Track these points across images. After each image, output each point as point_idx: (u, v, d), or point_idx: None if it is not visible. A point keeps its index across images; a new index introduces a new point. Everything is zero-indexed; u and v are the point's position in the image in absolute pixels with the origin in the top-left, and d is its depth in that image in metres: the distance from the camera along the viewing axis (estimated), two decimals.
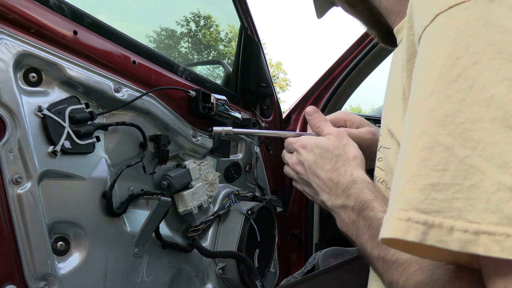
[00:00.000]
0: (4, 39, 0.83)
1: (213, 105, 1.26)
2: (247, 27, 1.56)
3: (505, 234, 0.28)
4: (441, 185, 0.32)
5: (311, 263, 1.21)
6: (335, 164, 0.65)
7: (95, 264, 0.99)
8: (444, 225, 0.31)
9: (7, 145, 0.82)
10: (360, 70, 1.75)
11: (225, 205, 1.35)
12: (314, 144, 0.69)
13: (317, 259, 1.20)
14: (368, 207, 0.56)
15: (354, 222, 0.58)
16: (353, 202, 0.59)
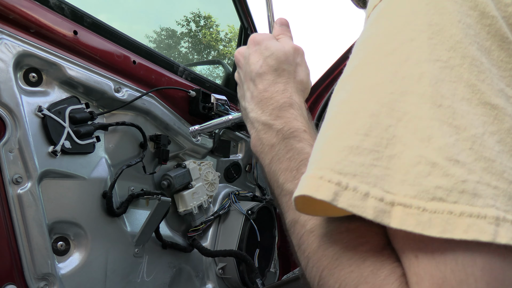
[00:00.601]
0: (4, 39, 0.83)
1: (213, 105, 1.26)
2: (247, 27, 1.56)
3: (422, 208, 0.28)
4: (360, 149, 0.31)
5: None
6: (277, 77, 0.56)
7: (95, 264, 0.99)
8: (359, 189, 0.29)
9: (7, 145, 0.82)
10: None
11: (225, 205, 1.36)
12: (267, 46, 0.58)
13: None
14: (297, 136, 0.50)
15: (273, 146, 0.51)
16: (280, 125, 0.52)
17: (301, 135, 0.50)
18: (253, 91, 0.57)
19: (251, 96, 0.57)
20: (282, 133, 0.51)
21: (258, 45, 0.59)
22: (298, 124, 0.51)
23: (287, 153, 0.48)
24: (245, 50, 0.62)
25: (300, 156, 0.47)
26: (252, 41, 0.60)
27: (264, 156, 0.53)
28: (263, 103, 0.55)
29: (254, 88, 0.57)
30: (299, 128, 0.51)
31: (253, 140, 0.55)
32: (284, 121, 0.52)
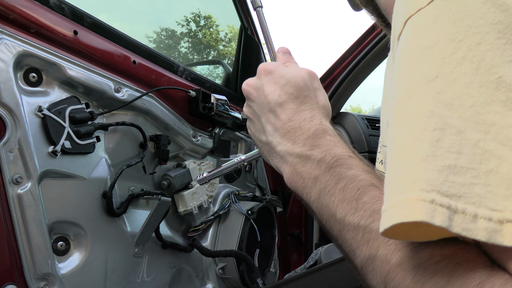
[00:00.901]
0: (4, 39, 0.83)
1: (213, 105, 1.26)
2: (247, 27, 1.56)
3: None
4: (458, 168, 0.29)
5: (313, 258, 1.21)
6: (300, 105, 0.52)
7: (95, 264, 0.99)
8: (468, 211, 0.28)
9: (7, 145, 0.82)
10: (360, 70, 1.75)
11: (225, 205, 1.36)
12: (281, 73, 0.54)
13: (319, 254, 1.20)
14: (343, 163, 0.45)
15: (317, 178, 0.46)
16: (320, 155, 0.47)
17: (348, 162, 0.45)
18: (275, 123, 0.52)
19: (274, 128, 0.53)
20: (325, 162, 0.46)
21: (270, 74, 0.55)
22: (340, 150, 0.47)
23: (338, 183, 0.44)
24: (255, 81, 0.57)
25: (356, 184, 0.42)
26: (263, 71, 0.56)
27: (308, 191, 0.47)
28: (291, 134, 0.51)
29: (276, 119, 0.52)
30: (343, 155, 0.46)
31: (289, 175, 0.50)
32: (323, 149, 0.48)
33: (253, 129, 0.58)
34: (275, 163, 0.53)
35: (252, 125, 0.59)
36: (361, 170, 0.44)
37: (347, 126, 1.77)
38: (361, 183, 0.42)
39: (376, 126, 1.79)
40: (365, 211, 0.39)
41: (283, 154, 0.51)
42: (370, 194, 0.40)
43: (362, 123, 1.76)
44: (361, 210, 0.40)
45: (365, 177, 0.43)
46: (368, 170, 0.44)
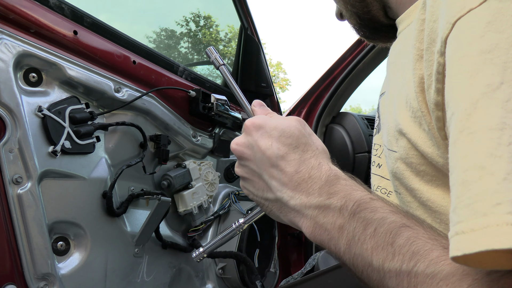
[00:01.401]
0: (4, 39, 0.83)
1: (213, 105, 1.26)
2: (247, 27, 1.56)
3: None
4: None
5: (310, 264, 1.21)
6: (303, 154, 0.49)
7: (95, 264, 0.99)
8: None
9: (7, 145, 0.82)
10: (360, 70, 1.75)
11: (225, 205, 1.36)
12: (272, 126, 0.51)
13: (316, 260, 1.20)
14: (367, 207, 0.42)
15: (342, 227, 0.43)
16: (340, 202, 0.44)
17: (371, 205, 0.42)
18: (282, 178, 0.49)
19: (281, 183, 0.49)
20: (347, 209, 0.43)
21: (262, 128, 0.52)
22: (359, 193, 0.44)
23: (366, 229, 0.41)
24: (245, 139, 0.54)
25: (386, 227, 0.39)
26: (251, 127, 0.53)
27: (336, 242, 0.44)
28: (302, 185, 0.48)
29: (281, 173, 0.49)
30: (364, 198, 0.43)
31: (311, 229, 0.47)
32: (342, 195, 0.45)
33: (253, 188, 0.55)
34: (290, 218, 0.50)
35: (250, 185, 0.55)
36: (387, 211, 0.41)
37: (347, 126, 1.77)
38: (392, 225, 0.39)
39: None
40: (404, 254, 0.36)
41: (299, 208, 0.48)
42: (404, 235, 0.38)
43: (362, 123, 1.76)
44: (400, 254, 0.37)
45: (393, 218, 0.40)
46: (394, 210, 0.41)
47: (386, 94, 0.60)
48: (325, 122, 1.83)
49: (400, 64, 0.54)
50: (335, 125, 1.81)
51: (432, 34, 0.40)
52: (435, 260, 0.34)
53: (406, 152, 0.48)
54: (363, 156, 1.68)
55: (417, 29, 0.44)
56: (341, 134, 1.76)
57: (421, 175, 0.48)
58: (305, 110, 1.82)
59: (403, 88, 0.49)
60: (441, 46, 0.37)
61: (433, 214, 0.47)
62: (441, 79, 0.38)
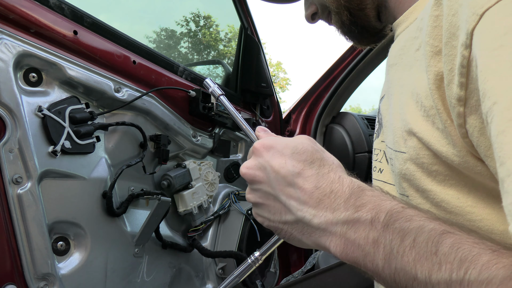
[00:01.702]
0: (4, 39, 0.83)
1: (213, 105, 1.26)
2: (247, 27, 1.56)
3: None
4: None
5: (311, 263, 1.21)
6: (320, 168, 0.47)
7: (95, 264, 0.99)
8: None
9: (7, 145, 0.82)
10: (360, 70, 1.75)
11: (225, 205, 1.36)
12: (283, 144, 0.49)
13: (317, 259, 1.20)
14: (401, 217, 0.39)
15: (376, 241, 0.40)
16: (370, 215, 0.41)
17: (404, 214, 0.39)
18: (301, 196, 0.46)
19: (301, 202, 0.46)
20: (379, 221, 0.40)
21: (272, 148, 0.49)
22: (389, 203, 0.41)
23: (404, 240, 0.38)
24: (256, 161, 0.51)
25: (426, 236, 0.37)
26: (261, 148, 0.50)
27: (371, 258, 0.40)
28: (325, 201, 0.45)
29: (300, 191, 0.46)
30: (395, 207, 0.41)
31: (342, 248, 0.43)
32: (370, 207, 0.42)
33: (268, 213, 0.50)
34: (315, 239, 0.46)
35: (265, 210, 0.51)
36: (423, 218, 0.38)
37: (347, 126, 1.77)
38: (432, 233, 0.36)
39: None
40: (451, 263, 0.34)
41: (324, 226, 0.44)
42: (447, 242, 0.35)
43: (362, 123, 1.76)
44: (447, 263, 0.34)
45: (432, 225, 0.37)
46: (430, 217, 0.39)
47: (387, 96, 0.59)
48: (325, 122, 1.83)
49: (403, 65, 0.53)
50: (335, 125, 1.81)
51: (452, 28, 0.39)
52: (487, 265, 0.32)
53: (417, 153, 0.47)
54: (363, 156, 1.68)
55: (430, 25, 0.43)
56: (341, 134, 1.76)
57: (434, 175, 0.46)
58: (305, 110, 1.82)
59: (411, 87, 0.48)
60: (467, 39, 0.36)
61: (448, 215, 0.46)
62: (465, 73, 0.37)
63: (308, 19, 0.75)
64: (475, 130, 0.38)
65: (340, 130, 1.78)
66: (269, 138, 0.52)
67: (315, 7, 0.72)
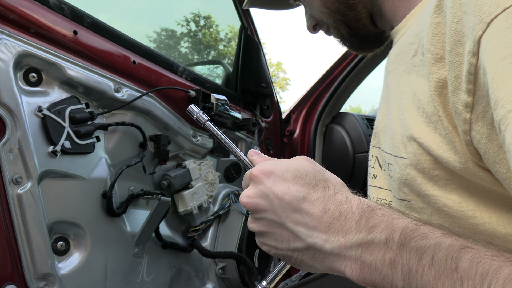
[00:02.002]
0: (4, 39, 0.83)
1: (213, 105, 1.26)
2: (247, 27, 1.56)
3: None
4: None
5: None
6: (325, 190, 0.45)
7: (95, 264, 0.99)
8: None
9: (7, 145, 0.82)
10: (360, 70, 1.75)
11: (225, 205, 1.36)
12: (283, 168, 0.47)
13: None
14: (416, 235, 0.38)
15: (393, 262, 0.39)
16: (384, 235, 0.40)
17: (419, 232, 0.39)
18: (309, 221, 0.44)
19: (309, 228, 0.44)
20: (394, 241, 0.39)
21: (272, 174, 0.48)
22: (402, 221, 0.40)
23: (422, 259, 0.37)
24: (256, 189, 0.49)
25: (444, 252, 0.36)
26: (260, 174, 0.48)
27: (390, 280, 0.39)
28: (335, 225, 0.43)
29: (307, 217, 0.44)
30: (409, 225, 0.39)
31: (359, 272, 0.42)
32: (383, 227, 0.41)
33: (275, 242, 0.48)
34: (328, 265, 0.44)
35: (271, 239, 0.49)
36: (439, 234, 0.38)
37: (347, 126, 1.77)
38: (450, 249, 0.36)
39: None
40: (473, 279, 0.33)
41: (338, 251, 0.43)
42: (466, 258, 0.35)
43: (362, 123, 1.76)
44: (469, 280, 0.34)
45: (449, 241, 0.36)
46: (446, 233, 0.38)
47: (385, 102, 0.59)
48: (325, 122, 1.83)
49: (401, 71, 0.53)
50: (335, 125, 1.81)
51: (456, 35, 0.39)
52: (509, 277, 0.32)
53: (417, 158, 0.47)
54: (363, 156, 1.68)
55: (430, 32, 0.43)
56: (341, 134, 1.76)
57: (435, 180, 0.46)
58: (305, 110, 1.82)
59: (412, 93, 0.48)
60: (474, 46, 0.36)
61: (450, 219, 0.46)
62: (472, 80, 0.37)
63: (309, 29, 0.75)
64: (483, 136, 0.38)
65: (340, 130, 1.78)
66: (266, 163, 0.50)
67: (315, 19, 0.73)
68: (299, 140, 1.79)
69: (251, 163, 0.55)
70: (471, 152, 0.40)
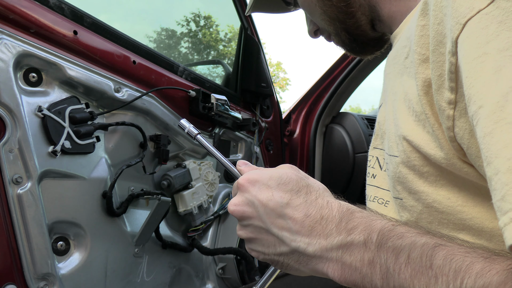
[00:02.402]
0: (4, 39, 0.83)
1: (213, 105, 1.26)
2: (247, 27, 1.56)
3: None
4: None
5: None
6: (307, 195, 0.47)
7: (95, 264, 0.99)
8: None
9: (7, 145, 0.82)
10: (360, 70, 1.75)
11: (225, 205, 1.36)
12: (267, 176, 0.49)
13: None
14: (393, 235, 0.40)
15: (372, 262, 0.41)
16: (362, 236, 0.42)
17: (396, 232, 0.40)
18: (292, 226, 0.46)
19: (293, 232, 0.46)
20: (372, 241, 0.41)
21: (257, 182, 0.50)
22: (379, 222, 0.42)
23: (399, 258, 0.39)
24: (242, 198, 0.51)
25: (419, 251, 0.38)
26: (246, 183, 0.51)
27: (369, 279, 0.41)
28: (317, 228, 0.45)
29: (291, 221, 0.46)
30: (385, 226, 0.41)
31: (340, 272, 0.43)
32: (362, 228, 0.43)
33: (262, 247, 0.50)
34: (312, 267, 0.46)
35: (258, 245, 0.51)
36: (414, 234, 0.39)
37: (347, 126, 1.77)
38: (425, 247, 0.37)
39: None
40: (447, 275, 0.35)
41: (320, 254, 0.45)
42: (440, 255, 0.36)
43: (362, 123, 1.76)
44: (443, 276, 0.35)
45: (424, 240, 0.38)
46: (421, 232, 0.40)
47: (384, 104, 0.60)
48: (325, 122, 1.83)
49: (395, 73, 0.55)
50: (335, 125, 1.81)
51: (438, 36, 0.41)
52: (480, 272, 0.33)
53: (407, 156, 0.48)
54: (363, 156, 1.68)
55: (417, 34, 0.45)
56: (341, 134, 1.76)
57: (425, 176, 0.48)
58: (305, 110, 1.82)
59: (404, 93, 0.50)
60: (452, 47, 0.38)
61: (439, 216, 0.47)
62: (454, 78, 0.39)
63: (310, 34, 0.77)
64: (466, 132, 0.39)
65: (340, 130, 1.78)
66: (252, 172, 0.52)
67: (316, 25, 0.74)
68: (299, 140, 1.79)
69: (239, 173, 0.57)
70: (455, 148, 0.42)
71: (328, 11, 0.67)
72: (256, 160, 1.55)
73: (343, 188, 1.69)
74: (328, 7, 0.67)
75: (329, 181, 1.76)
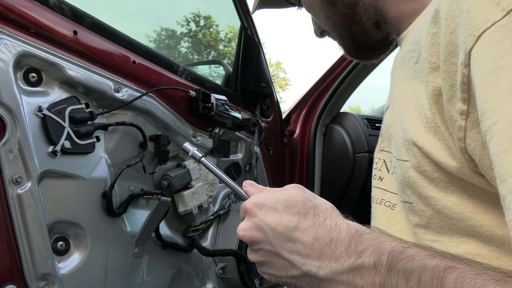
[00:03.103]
0: (4, 39, 0.83)
1: (213, 105, 1.26)
2: (247, 27, 1.56)
3: None
4: None
5: None
6: (315, 217, 0.47)
7: (95, 264, 0.99)
8: None
9: (7, 145, 0.82)
10: (360, 70, 1.75)
11: (225, 205, 1.36)
12: (274, 200, 0.49)
13: None
14: (403, 257, 0.40)
15: (383, 285, 0.40)
16: (372, 259, 0.42)
17: (406, 254, 0.40)
18: (302, 250, 0.46)
19: (303, 255, 0.46)
20: (383, 264, 0.41)
21: (264, 206, 0.50)
22: (389, 244, 0.42)
23: (409, 281, 0.38)
24: (250, 222, 0.51)
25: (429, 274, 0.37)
26: (253, 207, 0.51)
27: None
28: (327, 252, 0.45)
29: (300, 245, 0.46)
30: (396, 248, 0.41)
31: None
32: (372, 251, 0.42)
33: (274, 270, 0.50)
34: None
35: (270, 268, 0.51)
36: (425, 256, 0.39)
37: (347, 126, 1.77)
38: (435, 270, 0.37)
39: (376, 126, 1.79)
40: None
41: (331, 277, 0.45)
42: (451, 278, 0.36)
43: (362, 123, 1.76)
44: None
45: (434, 262, 0.38)
46: (431, 254, 0.40)
47: (391, 107, 0.60)
48: (325, 122, 1.83)
49: (405, 77, 0.55)
50: (335, 125, 1.80)
51: (450, 46, 0.40)
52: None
53: (418, 161, 0.48)
54: (363, 156, 1.68)
55: (427, 42, 0.44)
56: (341, 134, 1.76)
57: (435, 182, 0.47)
58: (305, 110, 1.82)
59: (415, 98, 0.49)
60: (465, 58, 0.37)
61: (449, 222, 0.47)
62: (466, 89, 0.38)
63: (317, 34, 0.76)
64: (478, 143, 0.39)
65: (340, 130, 1.78)
66: (259, 195, 0.52)
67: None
68: (299, 140, 1.79)
69: (246, 194, 0.57)
70: (466, 159, 0.42)
71: (332, 17, 0.66)
72: (256, 160, 1.55)
73: (343, 188, 1.69)
74: (332, 13, 0.65)
75: (329, 181, 1.76)
